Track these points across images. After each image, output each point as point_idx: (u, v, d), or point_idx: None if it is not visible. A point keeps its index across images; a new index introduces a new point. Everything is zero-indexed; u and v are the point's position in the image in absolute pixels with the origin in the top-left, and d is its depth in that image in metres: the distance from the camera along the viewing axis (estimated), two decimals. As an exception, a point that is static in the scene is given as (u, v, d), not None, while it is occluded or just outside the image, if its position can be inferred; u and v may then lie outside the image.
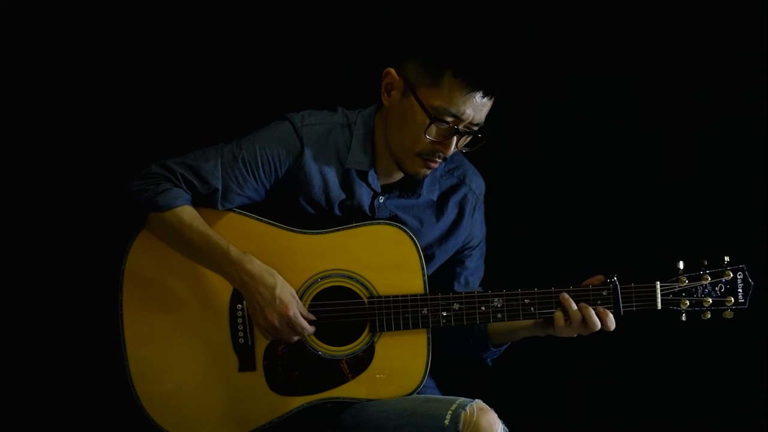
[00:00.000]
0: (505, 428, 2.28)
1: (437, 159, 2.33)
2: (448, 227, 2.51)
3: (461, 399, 2.28)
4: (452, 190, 2.51)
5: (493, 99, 2.31)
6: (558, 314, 2.32)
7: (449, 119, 2.28)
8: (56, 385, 2.91)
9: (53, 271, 2.88)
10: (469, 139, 2.35)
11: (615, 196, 2.99)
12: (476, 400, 2.27)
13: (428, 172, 2.38)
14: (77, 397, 2.89)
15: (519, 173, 3.01)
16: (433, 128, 2.29)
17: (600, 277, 2.34)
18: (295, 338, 2.31)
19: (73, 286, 2.88)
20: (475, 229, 2.55)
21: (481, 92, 2.27)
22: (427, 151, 2.32)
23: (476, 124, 2.31)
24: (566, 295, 2.32)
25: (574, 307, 2.31)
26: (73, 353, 2.89)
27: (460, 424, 2.22)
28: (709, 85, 2.93)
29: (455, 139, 2.30)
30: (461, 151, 2.37)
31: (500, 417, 2.27)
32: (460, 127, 2.29)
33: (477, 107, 2.28)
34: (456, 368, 2.65)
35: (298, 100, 2.53)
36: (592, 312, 2.30)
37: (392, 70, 2.35)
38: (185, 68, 2.90)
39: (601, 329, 2.32)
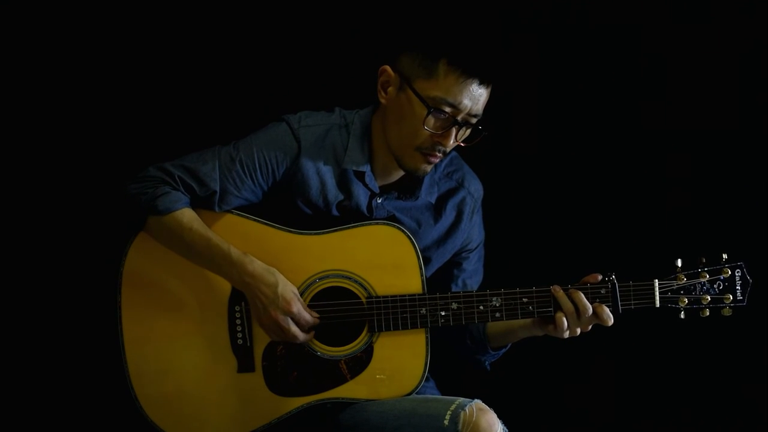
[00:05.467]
0: (505, 428, 2.28)
1: (437, 153, 2.33)
2: (446, 230, 2.51)
3: (460, 399, 2.27)
4: (451, 193, 2.51)
5: (489, 89, 2.31)
6: (559, 315, 2.31)
7: (447, 109, 2.28)
8: (55, 387, 2.90)
9: (52, 273, 2.88)
10: (467, 132, 2.35)
11: (613, 195, 2.98)
12: (475, 400, 2.27)
13: (428, 168, 2.37)
14: (76, 399, 2.89)
15: (517, 171, 3.00)
16: (431, 119, 2.29)
17: (596, 275, 2.34)
18: (301, 336, 2.31)
19: (71, 287, 2.87)
20: (473, 232, 2.55)
21: (477, 80, 2.27)
22: (427, 144, 2.32)
23: (474, 116, 2.31)
24: (557, 288, 2.31)
25: (567, 299, 2.30)
26: (72, 355, 2.88)
27: (460, 424, 2.21)
28: (709, 83, 2.93)
29: (454, 131, 2.30)
30: (460, 145, 2.37)
31: (500, 417, 2.26)
32: (459, 117, 2.29)
33: (474, 97, 2.28)
34: (456, 368, 2.64)
35: (295, 101, 2.53)
36: (582, 295, 2.29)
37: (387, 67, 2.36)
38: (182, 70, 2.89)
39: (598, 324, 2.32)
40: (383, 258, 2.35)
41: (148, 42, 2.87)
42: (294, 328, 2.30)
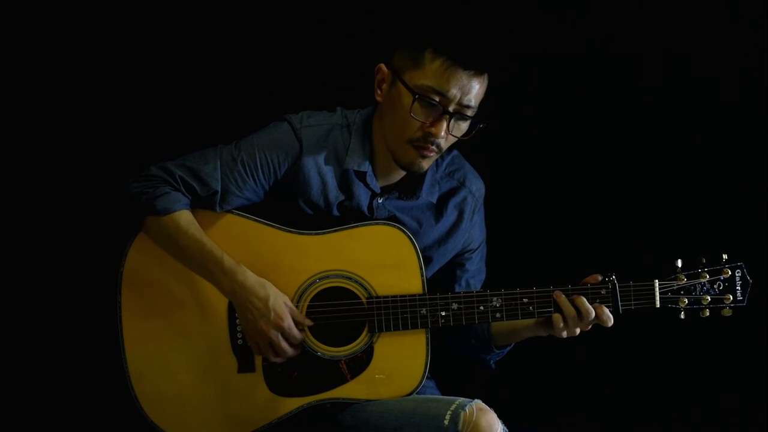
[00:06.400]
0: (505, 428, 2.28)
1: (430, 146, 2.31)
2: (447, 230, 2.50)
3: (461, 399, 2.27)
4: (452, 192, 2.50)
5: (480, 80, 2.29)
6: (556, 316, 2.32)
7: (435, 98, 2.27)
8: (55, 386, 2.90)
9: (52, 272, 2.88)
10: (462, 125, 2.33)
11: (613, 195, 2.98)
12: (476, 400, 2.27)
13: (424, 163, 2.34)
14: (76, 399, 2.89)
15: (517, 172, 3.01)
16: (418, 107, 2.28)
17: (597, 276, 2.34)
18: (290, 351, 2.31)
19: (71, 287, 2.87)
20: (474, 231, 2.55)
21: (462, 66, 2.25)
22: (418, 136, 2.30)
23: (466, 106, 2.30)
24: (559, 293, 2.32)
25: (569, 303, 2.30)
26: (72, 354, 2.89)
27: (460, 424, 2.21)
28: (710, 82, 2.93)
29: (445, 122, 2.29)
30: (460, 139, 2.35)
31: (500, 417, 2.26)
32: (450, 108, 2.28)
33: (462, 86, 2.27)
34: (456, 368, 2.65)
35: (297, 101, 2.53)
36: (584, 300, 2.30)
37: (382, 65, 2.37)
38: (184, 69, 2.89)
39: (598, 324, 2.32)
40: (384, 258, 2.35)
41: (150, 41, 2.88)
42: (284, 344, 2.30)
